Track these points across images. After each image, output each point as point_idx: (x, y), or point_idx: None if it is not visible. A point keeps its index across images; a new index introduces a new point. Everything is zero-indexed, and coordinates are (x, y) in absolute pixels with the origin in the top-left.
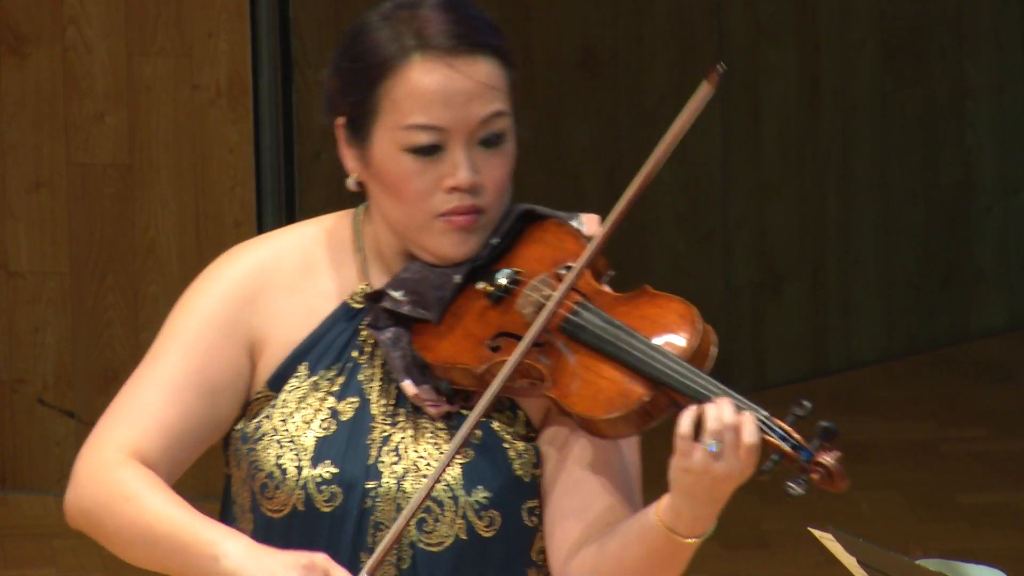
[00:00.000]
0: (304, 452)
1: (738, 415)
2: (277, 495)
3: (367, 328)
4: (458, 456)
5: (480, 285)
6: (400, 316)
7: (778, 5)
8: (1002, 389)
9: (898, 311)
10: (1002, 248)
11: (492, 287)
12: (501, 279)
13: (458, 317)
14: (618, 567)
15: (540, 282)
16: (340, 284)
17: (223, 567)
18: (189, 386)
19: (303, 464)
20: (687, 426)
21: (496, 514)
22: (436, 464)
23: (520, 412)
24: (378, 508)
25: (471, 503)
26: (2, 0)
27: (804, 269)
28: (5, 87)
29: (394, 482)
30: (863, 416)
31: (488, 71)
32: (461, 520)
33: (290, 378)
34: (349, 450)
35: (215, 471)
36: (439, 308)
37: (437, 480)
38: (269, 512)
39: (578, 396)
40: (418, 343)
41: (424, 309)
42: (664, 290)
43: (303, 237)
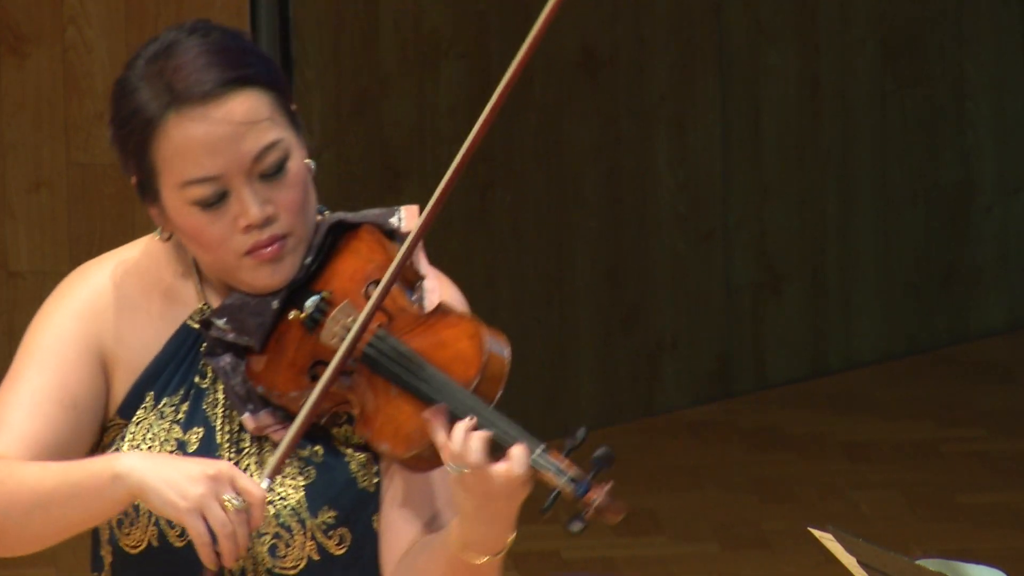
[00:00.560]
0: None
1: (473, 441)
2: (132, 531)
3: (204, 356)
4: (300, 477)
5: (292, 314)
6: (231, 343)
7: (778, 5)
8: (1002, 389)
9: (898, 311)
10: (1002, 248)
11: (303, 315)
12: (309, 307)
13: (281, 344)
14: None
15: (341, 311)
16: (181, 304)
17: (127, 484)
18: (51, 400)
19: None
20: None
21: (345, 531)
22: (278, 490)
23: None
24: None
25: (318, 524)
26: (2, 0)
27: (804, 269)
28: (5, 87)
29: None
30: (863, 416)
31: (247, 107)
32: (311, 542)
33: (138, 408)
34: None
35: None
36: (260, 335)
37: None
38: (127, 547)
39: (381, 432)
40: (249, 371)
41: (247, 336)
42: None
43: (148, 255)
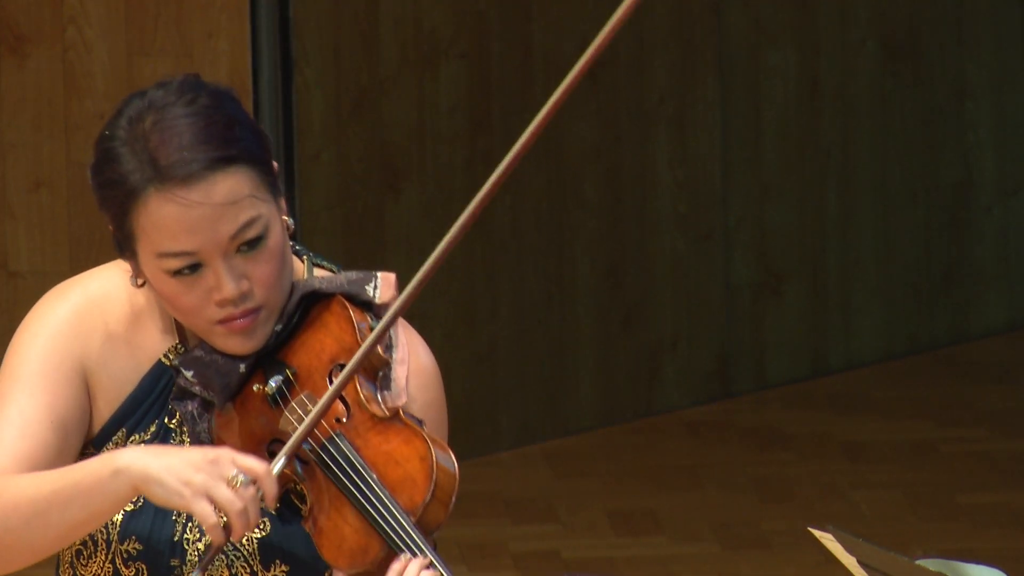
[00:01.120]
0: (113, 526)
1: None
2: (90, 564)
3: (172, 400)
4: (257, 530)
5: (256, 387)
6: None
7: (778, 5)
8: (1002, 389)
9: (898, 311)
10: (1002, 248)
11: (267, 390)
12: (272, 384)
13: (245, 408)
14: None
15: (302, 401)
16: (159, 338)
17: (129, 476)
18: (39, 420)
19: (112, 538)
20: None
21: None
22: (238, 543)
23: None
24: None
25: None
26: (2, 0)
27: (804, 269)
28: (5, 87)
29: (197, 559)
30: (863, 416)
31: (229, 187)
32: None
33: (108, 440)
34: (155, 525)
35: None
36: (224, 396)
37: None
38: None
39: (327, 538)
40: (217, 424)
41: (212, 392)
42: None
43: (130, 280)
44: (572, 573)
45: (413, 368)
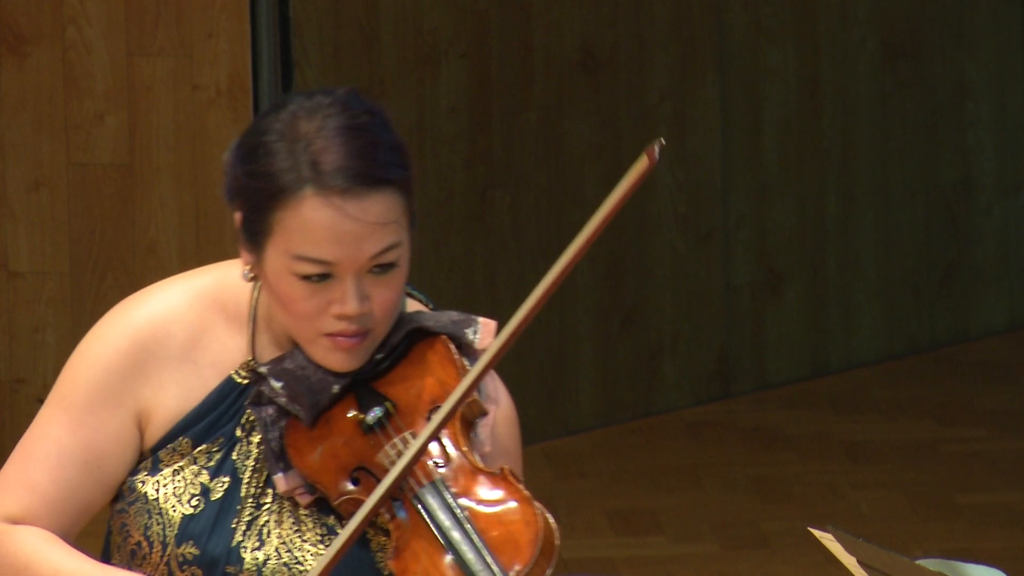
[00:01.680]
0: (170, 528)
1: None
2: (144, 565)
3: (249, 405)
4: (322, 546)
5: (351, 413)
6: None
7: (778, 5)
8: (1002, 389)
9: (898, 311)
10: (1002, 248)
11: (363, 419)
12: (371, 417)
13: (331, 428)
14: None
15: (405, 438)
16: (229, 354)
17: None
18: (75, 461)
19: (168, 540)
20: None
21: None
22: (295, 553)
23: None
24: None
25: None
26: (2, 0)
27: (804, 269)
28: (5, 87)
29: (255, 568)
30: (863, 416)
31: (383, 208)
32: None
33: (164, 447)
34: (214, 531)
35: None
36: (312, 413)
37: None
38: None
39: None
40: (290, 437)
41: (299, 407)
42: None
43: (200, 296)
44: (572, 573)
45: (499, 416)
